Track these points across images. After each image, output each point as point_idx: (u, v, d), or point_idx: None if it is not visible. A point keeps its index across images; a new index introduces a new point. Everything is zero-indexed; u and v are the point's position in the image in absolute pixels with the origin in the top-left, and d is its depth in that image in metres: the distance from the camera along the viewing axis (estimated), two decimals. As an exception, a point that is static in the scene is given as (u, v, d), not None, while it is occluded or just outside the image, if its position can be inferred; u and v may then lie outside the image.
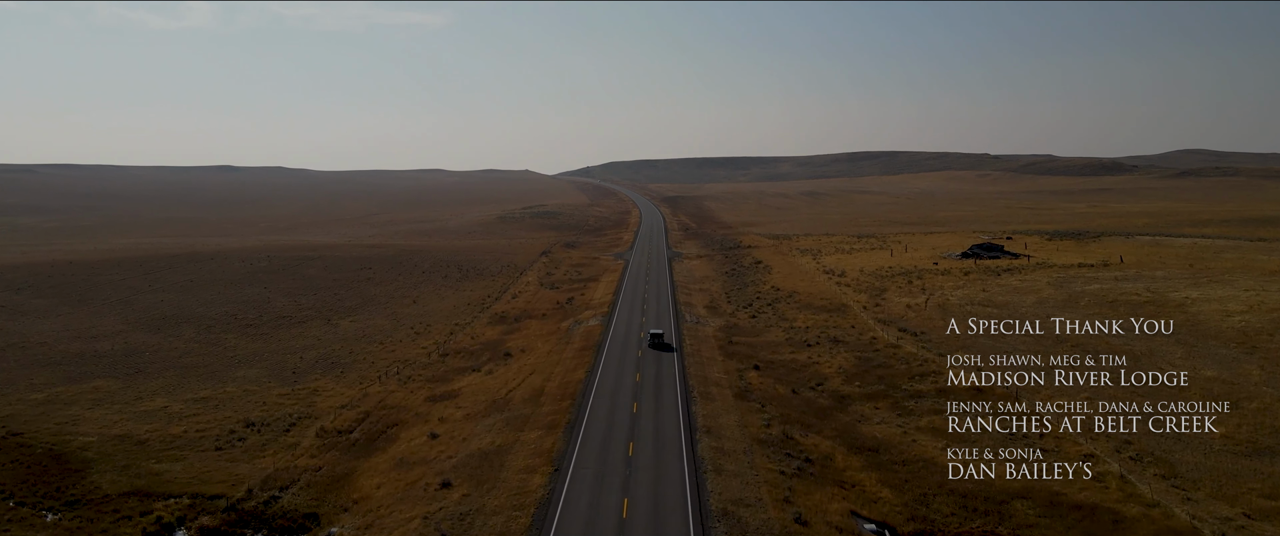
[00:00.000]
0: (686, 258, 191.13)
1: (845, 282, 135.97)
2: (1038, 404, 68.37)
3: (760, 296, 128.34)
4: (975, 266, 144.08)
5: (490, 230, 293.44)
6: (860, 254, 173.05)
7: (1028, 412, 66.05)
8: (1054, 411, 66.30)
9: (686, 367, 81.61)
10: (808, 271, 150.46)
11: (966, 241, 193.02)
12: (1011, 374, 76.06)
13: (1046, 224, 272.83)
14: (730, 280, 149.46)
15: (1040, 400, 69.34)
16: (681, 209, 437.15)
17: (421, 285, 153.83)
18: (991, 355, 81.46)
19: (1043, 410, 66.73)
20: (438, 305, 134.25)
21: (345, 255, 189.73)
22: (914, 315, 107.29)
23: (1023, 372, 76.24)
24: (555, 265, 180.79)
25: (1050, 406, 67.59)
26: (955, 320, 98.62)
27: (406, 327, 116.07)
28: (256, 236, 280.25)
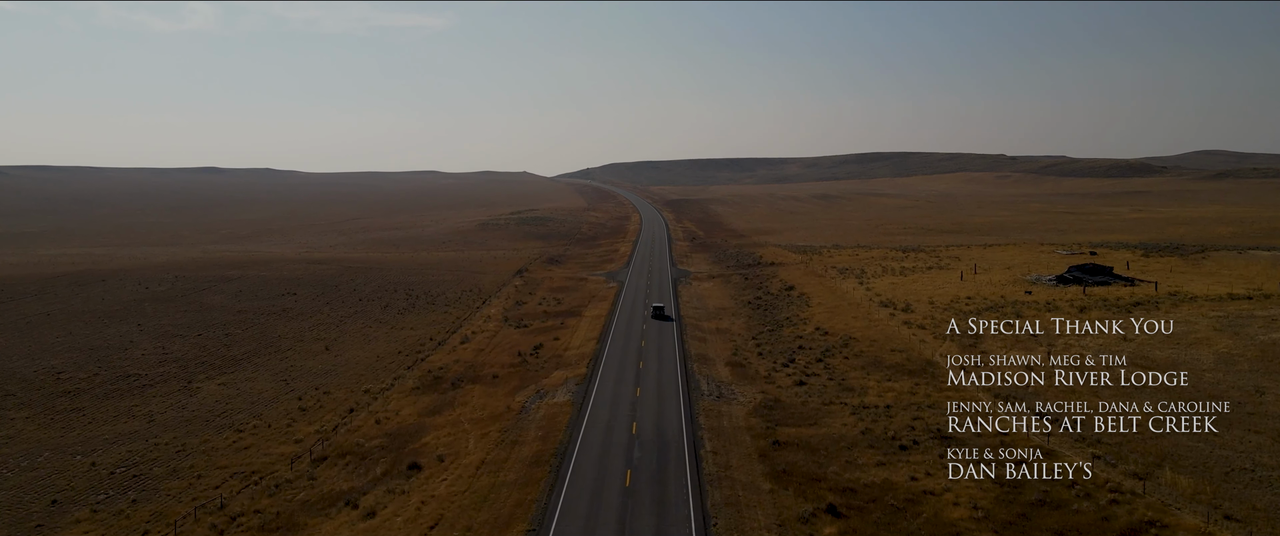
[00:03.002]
0: (696, 278, 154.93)
1: (915, 321, 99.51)
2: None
3: (803, 343, 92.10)
4: (1085, 297, 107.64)
5: (468, 239, 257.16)
6: (918, 276, 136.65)
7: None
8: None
9: (710, 509, 45.72)
10: (857, 302, 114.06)
11: (1041, 257, 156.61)
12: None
13: (1111, 233, 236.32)
14: (756, 315, 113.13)
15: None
16: (686, 214, 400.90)
17: (350, 319, 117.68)
18: (1228, 483, 45.29)
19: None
20: (357, 354, 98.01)
21: (275, 273, 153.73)
22: (1046, 385, 70.89)
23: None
24: (530, 289, 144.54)
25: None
26: (1125, 402, 62.38)
27: (294, 396, 79.88)
28: (200, 246, 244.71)
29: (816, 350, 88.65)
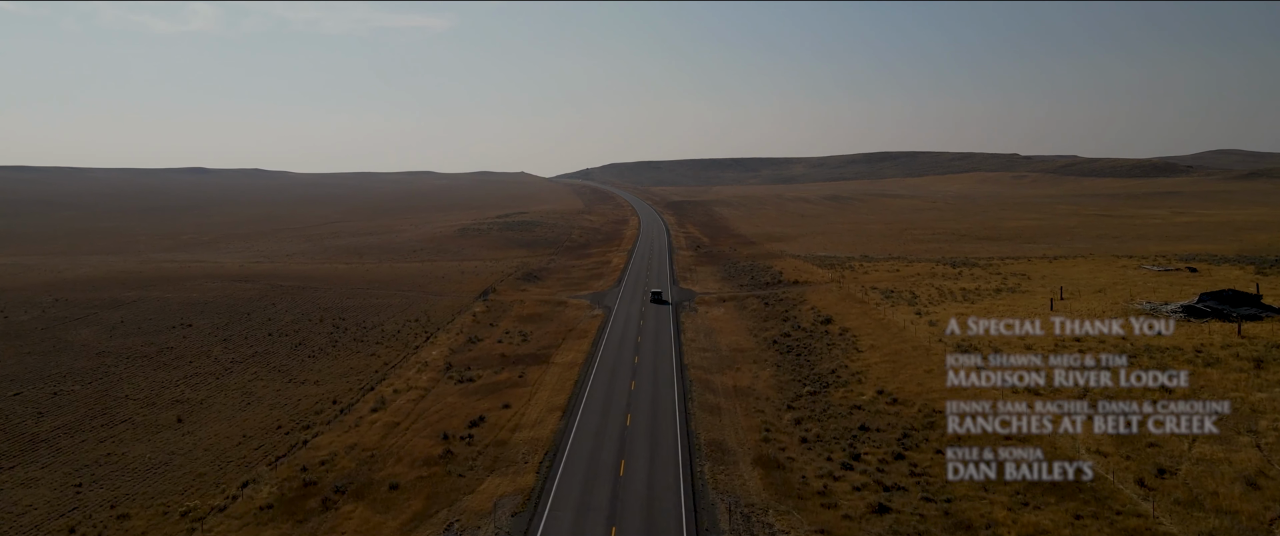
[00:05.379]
0: (704, 302, 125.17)
1: (1016, 387, 69.56)
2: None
3: (866, 420, 62.25)
4: (1246, 341, 77.70)
5: (442, 247, 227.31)
6: (986, 302, 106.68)
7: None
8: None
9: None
10: (924, 345, 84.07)
11: (1129, 275, 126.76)
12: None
13: (1178, 242, 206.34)
14: (787, 363, 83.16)
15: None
16: (689, 217, 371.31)
17: (240, 366, 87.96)
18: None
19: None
20: (217, 430, 68.28)
21: (182, 296, 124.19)
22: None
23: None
24: (493, 318, 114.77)
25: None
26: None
27: (69, 518, 50.27)
28: (145, 255, 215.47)
29: (890, 434, 58.86)
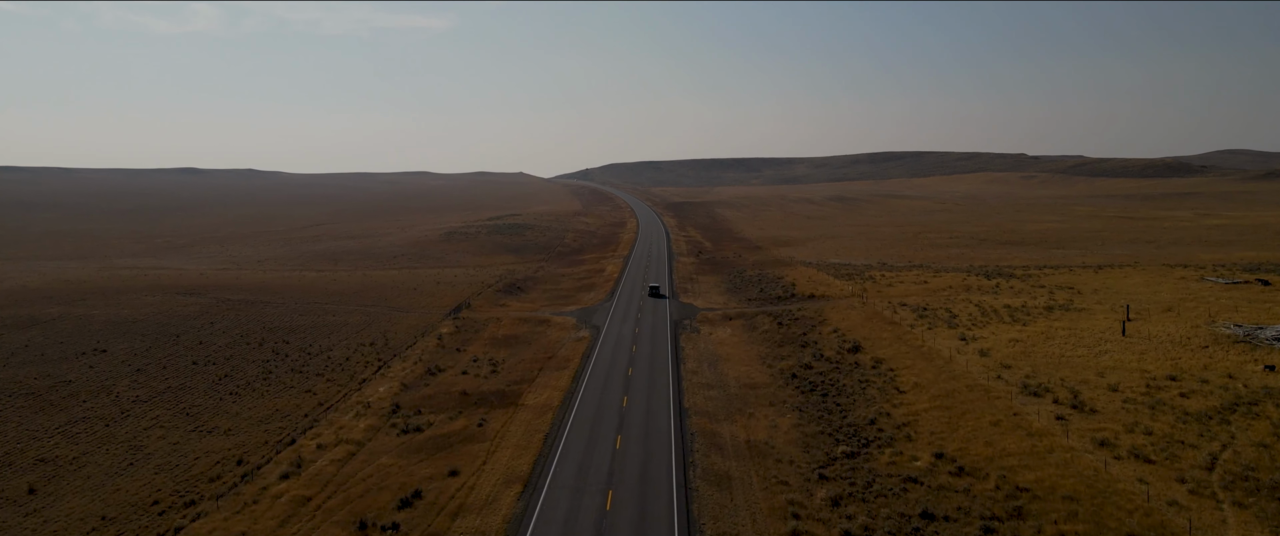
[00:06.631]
0: (707, 319, 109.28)
1: (1116, 437, 53.67)
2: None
3: (928, 503, 46.29)
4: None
5: (424, 253, 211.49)
6: (1039, 323, 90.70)
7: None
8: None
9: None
10: (980, 384, 68.09)
11: (1192, 288, 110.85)
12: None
13: (1218, 248, 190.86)
14: (810, 406, 67.16)
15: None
16: (690, 219, 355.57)
17: (142, 407, 72.13)
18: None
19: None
20: (75, 505, 52.50)
21: (107, 314, 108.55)
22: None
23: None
24: (462, 340, 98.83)
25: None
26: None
27: None
28: (108, 260, 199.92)
29: (965, 528, 42.98)
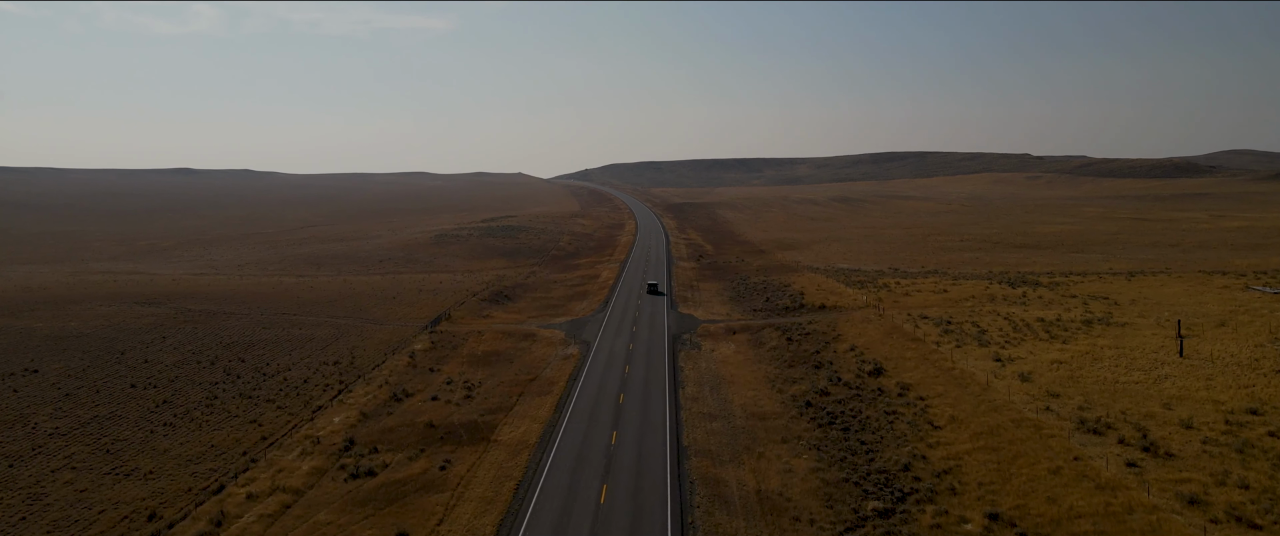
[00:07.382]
0: (709, 333, 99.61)
1: (1207, 496, 44.09)
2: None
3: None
4: None
5: (411, 257, 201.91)
6: (1080, 340, 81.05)
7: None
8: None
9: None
10: (1027, 419, 58.50)
11: (1241, 299, 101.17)
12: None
13: (1247, 253, 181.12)
14: (829, 441, 57.46)
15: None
16: (691, 221, 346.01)
17: (56, 443, 62.50)
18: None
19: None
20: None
21: (54, 326, 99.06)
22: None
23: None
24: (438, 358, 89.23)
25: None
26: None
27: None
28: (83, 263, 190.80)
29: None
